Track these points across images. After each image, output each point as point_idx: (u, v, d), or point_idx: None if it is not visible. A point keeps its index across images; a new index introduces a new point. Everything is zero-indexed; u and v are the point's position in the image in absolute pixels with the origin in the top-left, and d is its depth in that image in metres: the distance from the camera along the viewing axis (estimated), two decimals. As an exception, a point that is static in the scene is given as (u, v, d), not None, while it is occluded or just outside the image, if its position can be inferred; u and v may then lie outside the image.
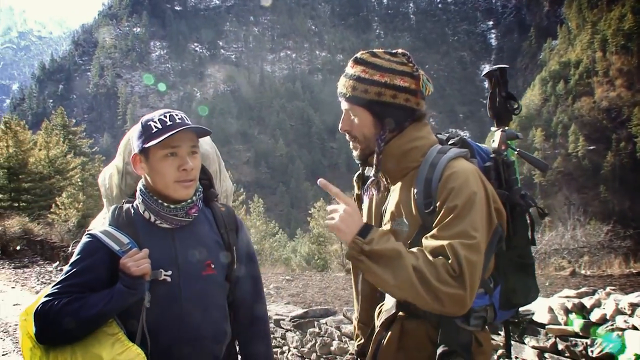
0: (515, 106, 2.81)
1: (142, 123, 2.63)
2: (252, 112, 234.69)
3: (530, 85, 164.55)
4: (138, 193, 2.68)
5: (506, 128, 2.77)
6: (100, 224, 2.86)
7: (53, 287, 2.50)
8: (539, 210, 2.77)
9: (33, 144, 40.63)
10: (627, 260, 18.09)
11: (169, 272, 2.56)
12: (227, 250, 2.77)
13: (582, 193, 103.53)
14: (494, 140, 2.76)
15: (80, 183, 39.44)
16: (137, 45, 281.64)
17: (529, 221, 2.67)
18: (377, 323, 2.74)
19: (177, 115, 2.63)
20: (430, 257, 2.30)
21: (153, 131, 2.55)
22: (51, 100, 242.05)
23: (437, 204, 2.40)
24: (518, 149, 2.79)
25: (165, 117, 2.59)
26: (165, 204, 2.59)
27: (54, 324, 2.39)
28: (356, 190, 2.94)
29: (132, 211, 2.67)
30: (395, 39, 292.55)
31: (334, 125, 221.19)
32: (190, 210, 2.65)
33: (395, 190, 2.64)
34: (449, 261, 2.25)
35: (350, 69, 2.64)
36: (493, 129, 2.82)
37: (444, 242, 2.29)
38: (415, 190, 2.50)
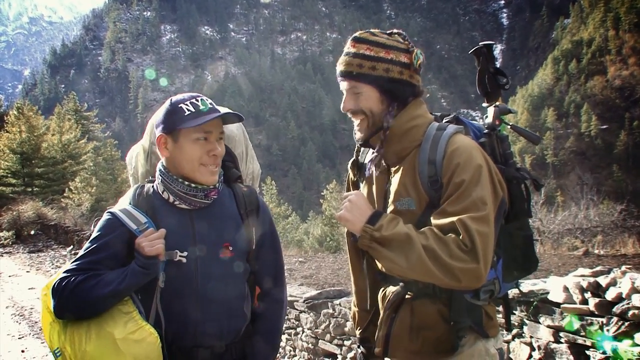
0: (504, 81, 2.78)
1: (170, 104, 2.62)
2: (263, 95, 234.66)
3: (542, 65, 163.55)
4: (157, 173, 2.68)
5: (498, 103, 2.75)
6: (121, 201, 2.87)
7: (72, 263, 2.52)
8: (534, 182, 2.77)
9: (46, 129, 40.80)
10: (642, 240, 17.98)
11: (185, 253, 2.55)
12: (246, 232, 2.75)
13: (595, 172, 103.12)
14: (486, 116, 2.75)
15: (93, 167, 39.60)
16: (147, 29, 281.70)
17: (525, 193, 2.67)
18: (384, 306, 2.74)
19: (207, 100, 2.64)
20: (441, 235, 2.32)
21: (186, 114, 2.54)
22: (63, 86, 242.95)
23: (444, 180, 2.43)
24: (511, 123, 2.77)
25: (197, 100, 2.60)
26: (186, 183, 2.59)
27: (69, 300, 2.41)
28: (351, 177, 2.99)
29: (152, 191, 2.69)
30: (406, 19, 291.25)
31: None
32: (210, 193, 2.65)
33: (398, 171, 2.63)
34: (460, 236, 2.27)
35: (352, 48, 2.63)
36: (485, 105, 2.81)
37: (454, 219, 2.30)
38: (420, 169, 2.52)
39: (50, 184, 37.26)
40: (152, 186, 2.72)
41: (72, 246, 21.96)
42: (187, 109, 2.56)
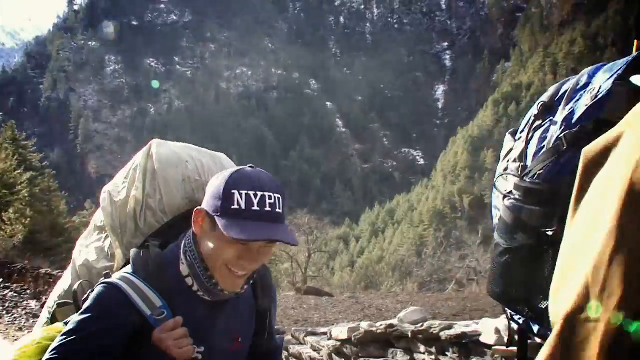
0: None
1: (226, 183, 2.02)
2: (207, 129, 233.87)
3: (483, 107, 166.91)
4: (186, 251, 2.12)
5: None
6: (83, 253, 2.49)
7: (55, 349, 1.96)
8: None
9: (-19, 157, 39.89)
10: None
11: (202, 349, 2.11)
12: (259, 318, 2.39)
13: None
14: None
15: (28, 198, 38.76)
16: (91, 59, 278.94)
17: None
18: None
19: (269, 197, 2.02)
20: None
21: (233, 207, 1.98)
22: (1, 113, 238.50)
23: None
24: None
25: (255, 195, 2.00)
26: (214, 280, 2.08)
27: None
28: None
29: (167, 266, 2.14)
30: (351, 58, 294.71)
31: (287, 143, 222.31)
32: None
33: None
34: None
35: None
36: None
37: None
38: None
39: (-18, 214, 36.32)
40: (165, 257, 2.17)
41: (1, 279, 21.38)
42: (237, 200, 1.98)
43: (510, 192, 2.06)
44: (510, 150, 2.29)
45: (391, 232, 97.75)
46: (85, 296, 2.16)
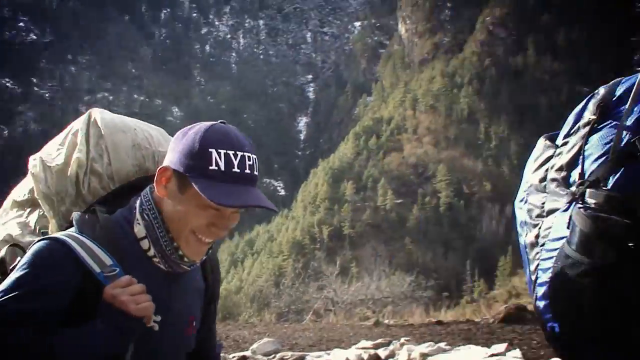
0: None
1: (200, 142, 1.76)
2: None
3: (344, 139, 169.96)
4: (143, 210, 1.88)
5: None
6: (2, 230, 2.13)
7: None
8: None
9: None
10: (428, 310, 19.12)
11: (158, 318, 1.80)
12: (209, 302, 2.17)
13: (388, 245, 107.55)
14: None
15: None
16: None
17: None
18: None
19: (249, 159, 1.80)
20: None
21: (210, 168, 1.74)
22: None
23: None
24: None
25: (235, 155, 1.77)
26: (180, 253, 1.85)
27: None
28: None
29: (117, 226, 1.88)
30: (215, 87, 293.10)
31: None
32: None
33: None
34: None
35: None
36: None
37: None
38: None
39: None
40: (115, 218, 1.90)
41: None
42: (215, 160, 1.74)
43: (582, 199, 1.81)
44: (550, 157, 2.05)
45: (250, 262, 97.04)
46: (16, 262, 1.85)
